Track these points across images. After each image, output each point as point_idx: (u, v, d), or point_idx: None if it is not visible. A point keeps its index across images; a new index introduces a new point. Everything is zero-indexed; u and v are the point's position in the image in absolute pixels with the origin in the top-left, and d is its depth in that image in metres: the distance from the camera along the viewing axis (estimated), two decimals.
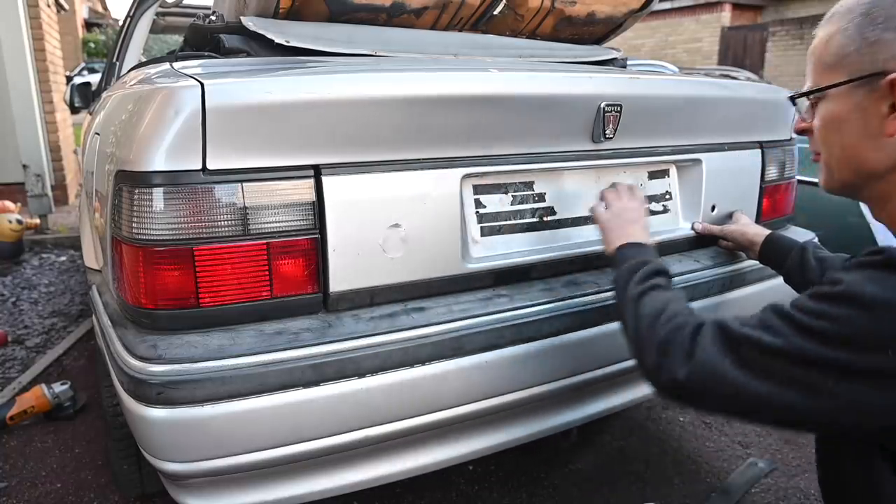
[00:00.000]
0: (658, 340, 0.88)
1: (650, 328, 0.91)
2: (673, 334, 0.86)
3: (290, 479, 1.09)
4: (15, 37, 4.90)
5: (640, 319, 0.94)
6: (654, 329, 0.90)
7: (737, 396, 0.78)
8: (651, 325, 0.91)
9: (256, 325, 1.02)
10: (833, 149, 0.85)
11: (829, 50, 0.82)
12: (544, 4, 1.83)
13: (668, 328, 0.88)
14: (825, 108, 0.84)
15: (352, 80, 1.04)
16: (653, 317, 0.92)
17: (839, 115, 0.82)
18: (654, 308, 0.94)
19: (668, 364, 0.84)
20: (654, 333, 0.89)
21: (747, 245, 1.43)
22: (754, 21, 14.29)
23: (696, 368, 0.81)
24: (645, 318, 0.93)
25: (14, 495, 1.73)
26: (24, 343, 2.77)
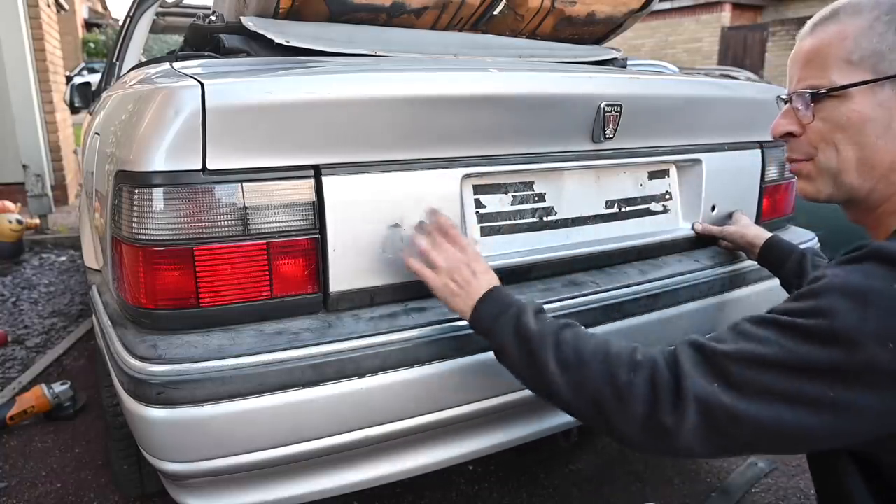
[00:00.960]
0: (633, 391, 0.76)
1: (611, 380, 0.79)
2: (650, 378, 0.76)
3: (290, 479, 1.09)
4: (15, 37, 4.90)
5: (586, 373, 0.81)
6: (617, 379, 0.78)
7: (735, 426, 0.70)
8: (610, 376, 0.79)
9: (256, 325, 1.02)
10: (845, 150, 0.80)
11: (853, 46, 0.77)
12: (544, 4, 1.83)
13: (639, 373, 0.77)
14: (842, 107, 0.79)
15: (352, 80, 1.04)
16: (604, 364, 0.80)
17: (861, 114, 0.78)
18: (592, 354, 0.82)
19: (660, 416, 0.74)
20: (622, 384, 0.77)
21: (747, 247, 1.43)
22: (754, 21, 14.29)
23: (693, 408, 0.72)
24: (592, 369, 0.81)
25: (14, 495, 1.73)
26: (24, 343, 2.77)
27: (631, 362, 0.79)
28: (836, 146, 0.81)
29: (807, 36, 0.84)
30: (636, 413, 0.76)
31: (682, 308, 1.35)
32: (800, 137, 0.86)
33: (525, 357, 0.89)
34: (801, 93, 0.82)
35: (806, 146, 0.85)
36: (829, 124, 0.81)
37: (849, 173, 0.81)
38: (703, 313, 1.40)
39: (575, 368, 0.83)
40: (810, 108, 0.82)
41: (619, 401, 0.78)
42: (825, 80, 0.80)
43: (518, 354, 0.90)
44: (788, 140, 0.88)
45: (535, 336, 0.88)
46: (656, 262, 1.43)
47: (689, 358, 0.75)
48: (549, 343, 0.86)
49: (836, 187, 0.83)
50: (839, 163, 0.81)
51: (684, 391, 0.73)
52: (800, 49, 0.84)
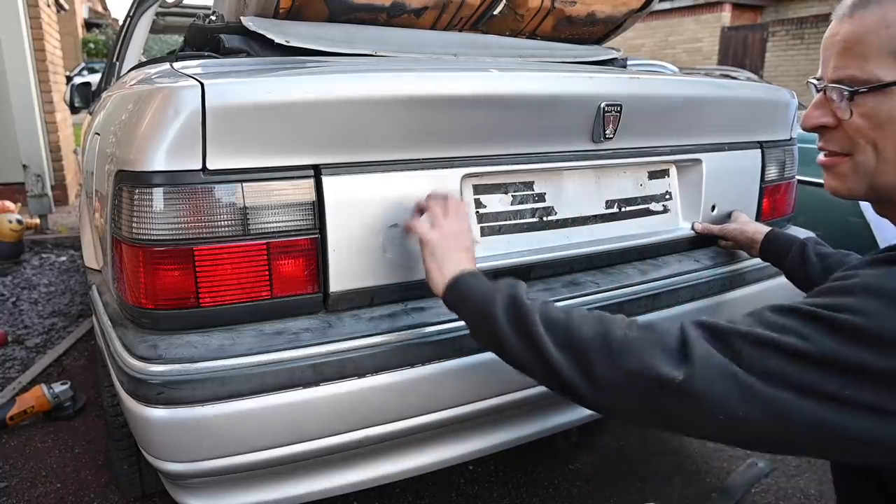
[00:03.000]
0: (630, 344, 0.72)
1: (602, 335, 0.75)
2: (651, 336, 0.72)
3: (290, 479, 1.09)
4: (15, 37, 4.90)
5: (574, 330, 0.77)
6: (610, 335, 0.74)
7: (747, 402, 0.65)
8: (603, 332, 0.75)
9: (256, 325, 1.02)
10: (886, 150, 0.73)
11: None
12: (544, 4, 1.83)
13: (636, 331, 0.73)
14: (884, 104, 0.71)
15: (352, 80, 1.04)
16: (597, 323, 0.76)
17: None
18: (582, 315, 0.78)
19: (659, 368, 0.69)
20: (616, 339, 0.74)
21: (747, 243, 1.43)
22: (754, 21, 14.29)
23: (695, 373, 0.67)
24: (587, 341, 0.76)
25: (14, 495, 1.73)
26: (24, 343, 2.77)
27: (628, 323, 0.76)
28: (875, 145, 0.74)
29: (845, 18, 0.74)
30: (630, 365, 0.71)
31: (682, 308, 1.35)
32: (836, 130, 0.77)
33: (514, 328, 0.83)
34: (839, 85, 0.74)
35: (844, 140, 0.77)
36: (868, 121, 0.73)
37: (888, 174, 0.74)
38: (703, 313, 1.40)
39: (562, 326, 0.78)
40: (846, 101, 0.74)
41: (610, 353, 0.73)
42: (865, 74, 0.72)
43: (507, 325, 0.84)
44: (822, 132, 0.80)
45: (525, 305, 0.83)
46: (656, 262, 1.43)
47: (695, 331, 0.70)
48: (537, 308, 0.82)
49: (871, 187, 0.77)
50: (878, 163, 0.74)
51: (691, 349, 0.68)
52: (836, 32, 0.75)
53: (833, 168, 0.80)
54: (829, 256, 1.26)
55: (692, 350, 0.68)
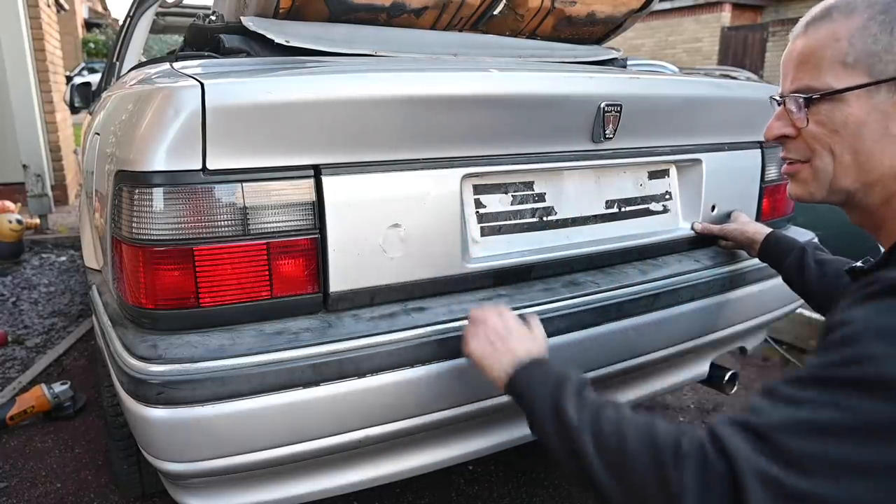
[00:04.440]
0: (684, 486, 0.65)
1: (658, 473, 0.68)
2: (699, 470, 0.65)
3: (290, 479, 1.09)
4: (15, 37, 4.90)
5: (629, 463, 0.71)
6: (664, 473, 0.67)
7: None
8: (657, 469, 0.68)
9: (256, 325, 1.02)
10: (842, 154, 0.78)
11: (848, 48, 0.75)
12: (544, 4, 1.83)
13: (687, 467, 0.66)
14: (837, 111, 0.77)
15: (352, 80, 1.04)
16: (650, 454, 0.70)
17: (857, 118, 0.75)
18: (636, 440, 0.72)
19: None
20: (670, 480, 0.66)
21: (747, 243, 1.43)
22: (754, 21, 14.29)
23: (755, 497, 0.60)
24: (636, 458, 0.70)
25: (14, 495, 1.73)
26: (24, 343, 2.77)
27: (676, 453, 0.68)
28: (831, 150, 0.79)
29: (800, 35, 0.81)
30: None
31: (682, 308, 1.35)
32: (795, 139, 0.84)
33: (561, 439, 0.80)
34: (795, 95, 0.80)
35: (803, 148, 0.83)
36: (824, 128, 0.79)
37: (845, 178, 0.79)
38: (703, 313, 1.40)
39: (616, 453, 0.73)
40: (804, 110, 0.80)
41: (668, 497, 0.67)
42: (819, 83, 0.78)
43: (554, 433, 0.81)
44: (784, 142, 0.86)
45: (573, 420, 0.79)
46: (656, 261, 1.43)
47: (735, 440, 0.64)
48: (587, 426, 0.77)
49: (831, 191, 0.81)
50: (835, 167, 0.79)
51: (741, 479, 0.61)
52: (793, 48, 0.82)
53: (795, 175, 0.85)
54: (827, 263, 1.26)
55: (741, 478, 0.61)
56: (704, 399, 2.33)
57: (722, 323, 1.46)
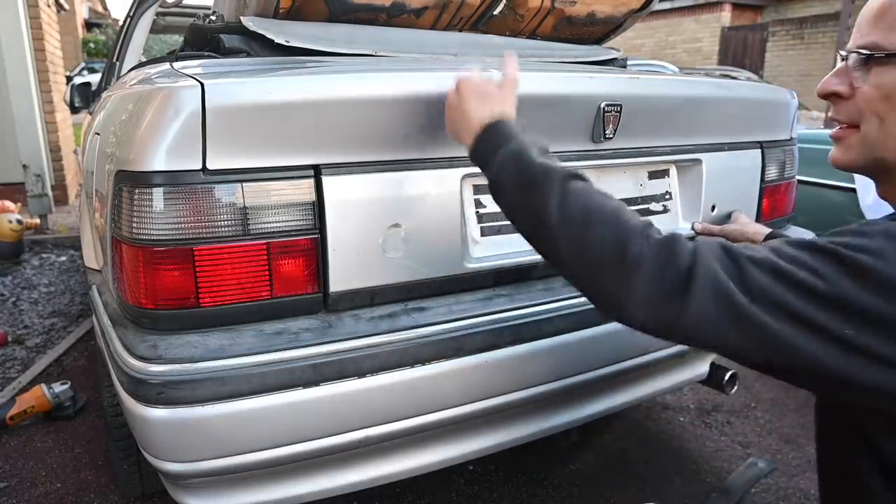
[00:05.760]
0: (642, 262, 0.69)
1: (618, 247, 0.71)
2: (663, 254, 0.69)
3: (290, 479, 1.09)
4: (15, 37, 4.90)
5: (592, 233, 0.74)
6: (626, 248, 0.71)
7: (740, 326, 0.65)
8: (619, 243, 0.71)
9: (256, 325, 1.02)
10: (892, 123, 0.73)
11: None
12: (544, 4, 1.83)
13: (652, 247, 0.70)
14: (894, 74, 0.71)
15: (352, 80, 1.04)
16: (614, 229, 0.73)
17: None
18: (602, 214, 0.74)
19: (665, 294, 0.68)
20: (630, 254, 0.70)
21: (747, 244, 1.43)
22: (754, 21, 14.29)
23: (701, 295, 0.66)
24: (599, 230, 0.73)
25: (14, 495, 1.73)
26: (24, 343, 2.77)
27: (645, 234, 0.72)
28: (880, 117, 0.74)
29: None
30: (640, 287, 0.69)
31: None
32: (847, 100, 0.77)
33: (524, 200, 0.81)
34: (859, 51, 0.74)
35: (853, 111, 0.77)
36: (878, 91, 0.74)
37: (887, 148, 0.75)
38: None
39: (580, 225, 0.75)
40: (864, 69, 0.74)
41: (624, 271, 0.71)
42: (888, 42, 0.72)
43: (517, 195, 0.82)
44: (835, 101, 0.79)
45: (539, 177, 0.79)
46: None
47: (710, 250, 0.69)
48: (555, 190, 0.78)
49: (873, 160, 0.77)
50: (878, 135, 0.75)
51: (696, 276, 0.67)
52: (873, 3, 0.75)
53: (842, 140, 0.80)
54: None
55: (696, 276, 0.67)
56: (704, 399, 2.33)
57: None
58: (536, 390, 1.18)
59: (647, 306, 0.70)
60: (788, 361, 0.65)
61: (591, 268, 0.75)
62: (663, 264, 0.69)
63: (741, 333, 0.66)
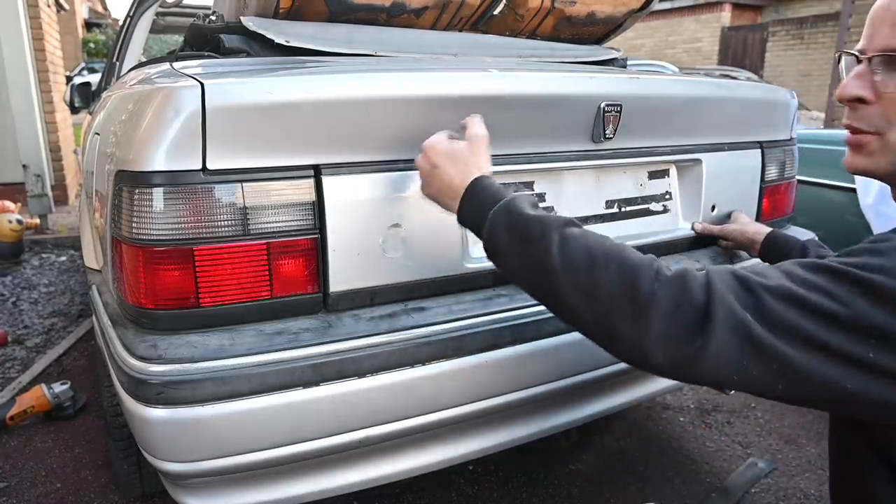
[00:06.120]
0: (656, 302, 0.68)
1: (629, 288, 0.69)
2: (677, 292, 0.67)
3: (290, 479, 1.09)
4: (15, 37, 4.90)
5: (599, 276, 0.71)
6: (637, 287, 0.69)
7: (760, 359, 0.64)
8: (629, 283, 0.69)
9: (256, 325, 1.02)
10: None
11: None
12: (544, 4, 1.83)
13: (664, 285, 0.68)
14: None
15: (352, 80, 1.04)
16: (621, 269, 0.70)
17: None
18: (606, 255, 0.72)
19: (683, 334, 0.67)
20: (642, 294, 0.68)
21: (747, 244, 1.43)
22: (754, 21, 14.29)
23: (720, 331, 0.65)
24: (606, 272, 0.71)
25: (14, 495, 1.73)
26: (24, 343, 2.77)
27: (654, 272, 0.70)
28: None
29: None
30: (656, 327, 0.67)
31: None
32: (870, 106, 0.74)
33: (522, 253, 0.78)
34: (889, 55, 0.71)
35: (877, 118, 0.73)
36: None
37: None
38: None
39: (585, 270, 0.72)
40: (893, 74, 0.71)
41: (637, 311, 0.68)
42: None
43: (514, 250, 0.80)
44: (856, 107, 0.76)
45: (535, 230, 0.77)
46: None
47: (723, 281, 0.67)
48: (554, 238, 0.76)
49: (894, 166, 0.74)
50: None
51: (713, 313, 0.65)
52: (892, 3, 0.72)
53: (862, 146, 0.77)
54: None
55: (714, 313, 0.66)
56: (704, 399, 2.33)
57: None
58: (536, 390, 1.18)
59: (665, 346, 0.67)
60: (811, 389, 0.64)
61: (603, 311, 0.72)
62: (678, 301, 0.67)
63: (763, 366, 0.65)
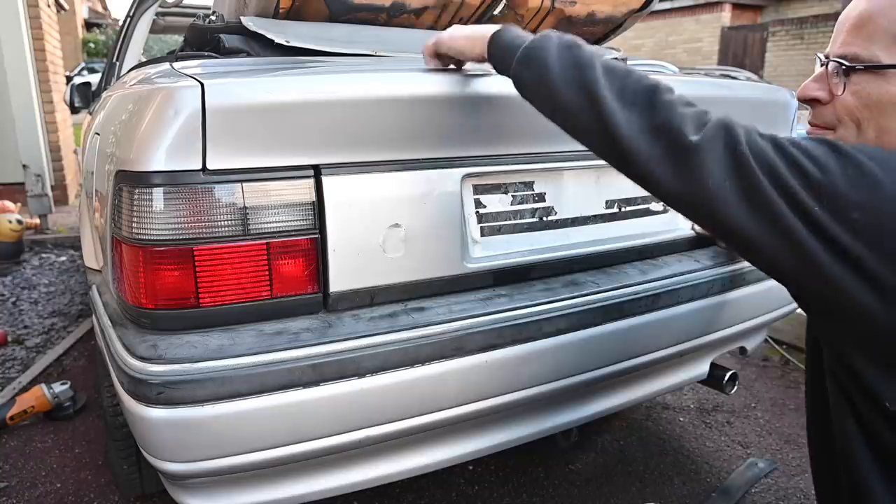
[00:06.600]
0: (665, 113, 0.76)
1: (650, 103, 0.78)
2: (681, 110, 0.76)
3: (290, 479, 1.09)
4: (15, 37, 4.90)
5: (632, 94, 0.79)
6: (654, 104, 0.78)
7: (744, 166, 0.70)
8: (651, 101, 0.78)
9: (256, 325, 1.02)
10: (867, 130, 0.77)
11: None
12: (544, 4, 1.83)
13: (677, 106, 0.77)
14: (875, 85, 0.75)
15: (352, 80, 1.04)
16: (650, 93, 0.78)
17: (894, 97, 0.74)
18: (644, 85, 0.79)
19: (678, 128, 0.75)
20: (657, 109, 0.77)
21: None
22: (754, 21, 14.29)
23: (706, 137, 0.73)
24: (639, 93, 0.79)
25: (14, 495, 1.74)
26: (24, 343, 2.77)
27: (675, 93, 0.80)
28: (858, 123, 0.78)
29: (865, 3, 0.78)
30: (664, 119, 0.76)
31: (682, 308, 1.35)
32: (826, 106, 0.81)
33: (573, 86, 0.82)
34: (839, 60, 0.78)
35: (830, 116, 0.81)
36: (857, 100, 0.77)
37: None
38: (704, 313, 1.40)
39: (620, 76, 0.81)
40: (843, 77, 0.78)
41: (653, 107, 0.78)
42: (867, 53, 0.75)
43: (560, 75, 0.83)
44: (814, 105, 0.84)
45: (584, 54, 0.83)
46: (656, 262, 1.43)
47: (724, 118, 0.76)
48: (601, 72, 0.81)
49: None
50: (855, 140, 0.78)
51: (711, 122, 0.75)
52: (853, 10, 0.79)
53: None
54: None
55: (712, 123, 0.74)
56: (704, 399, 2.33)
57: (722, 323, 1.46)
58: (536, 390, 1.18)
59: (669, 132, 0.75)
60: (773, 231, 0.69)
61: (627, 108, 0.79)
62: (690, 112, 0.77)
63: (737, 184, 0.70)
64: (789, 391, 2.39)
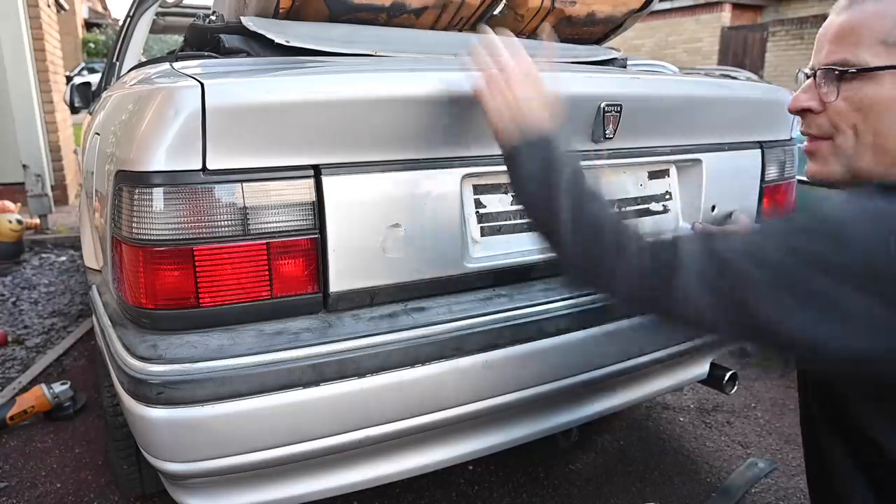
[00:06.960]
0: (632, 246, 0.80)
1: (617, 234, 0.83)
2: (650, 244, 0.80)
3: (290, 479, 1.09)
4: (15, 37, 4.90)
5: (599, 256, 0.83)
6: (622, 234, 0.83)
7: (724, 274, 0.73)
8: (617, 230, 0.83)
9: (256, 325, 1.02)
10: (864, 134, 0.78)
11: (890, 28, 0.74)
12: (544, 4, 1.83)
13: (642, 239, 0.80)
14: (868, 89, 0.76)
15: (352, 80, 1.04)
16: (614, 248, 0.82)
17: (887, 98, 0.75)
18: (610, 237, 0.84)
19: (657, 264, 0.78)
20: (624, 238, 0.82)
21: None
22: (754, 21, 14.29)
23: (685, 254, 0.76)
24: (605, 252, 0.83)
25: (14, 495, 1.73)
26: (24, 343, 2.77)
27: (639, 236, 0.83)
28: (854, 129, 0.79)
29: (843, 10, 0.80)
30: (632, 262, 0.79)
31: None
32: (818, 115, 0.82)
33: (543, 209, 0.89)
34: (828, 68, 0.79)
35: (825, 124, 0.82)
36: (851, 105, 0.78)
37: (864, 157, 0.79)
38: None
39: (589, 227, 0.86)
40: (834, 84, 0.79)
41: (617, 251, 0.81)
42: (856, 59, 0.76)
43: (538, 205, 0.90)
44: (807, 116, 0.84)
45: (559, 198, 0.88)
46: None
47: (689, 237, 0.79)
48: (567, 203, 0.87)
49: (849, 170, 0.81)
50: (856, 147, 0.79)
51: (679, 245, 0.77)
52: (833, 22, 0.80)
53: (816, 153, 0.84)
54: None
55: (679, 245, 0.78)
56: (704, 399, 2.33)
57: None
58: (536, 390, 1.18)
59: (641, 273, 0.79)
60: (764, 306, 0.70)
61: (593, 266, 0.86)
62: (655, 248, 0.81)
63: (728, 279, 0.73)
64: (789, 391, 2.38)
